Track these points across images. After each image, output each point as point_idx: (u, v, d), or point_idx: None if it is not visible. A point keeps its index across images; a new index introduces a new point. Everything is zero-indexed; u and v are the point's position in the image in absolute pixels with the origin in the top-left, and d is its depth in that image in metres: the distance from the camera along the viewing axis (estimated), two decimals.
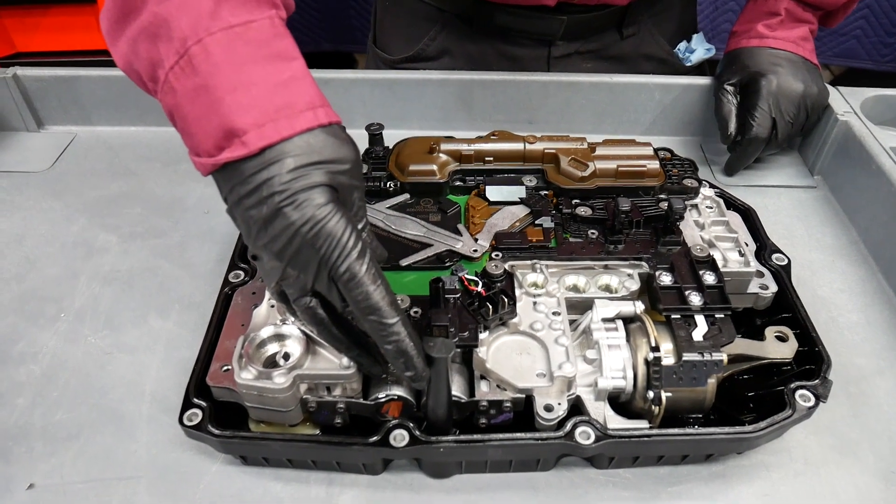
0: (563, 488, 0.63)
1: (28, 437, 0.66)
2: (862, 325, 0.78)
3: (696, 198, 0.77)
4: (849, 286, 0.83)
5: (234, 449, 0.61)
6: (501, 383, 0.60)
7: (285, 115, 0.50)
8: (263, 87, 0.50)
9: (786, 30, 0.97)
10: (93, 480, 0.63)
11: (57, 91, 1.05)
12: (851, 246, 0.89)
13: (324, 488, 0.62)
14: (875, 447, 0.66)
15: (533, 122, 1.05)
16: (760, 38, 0.97)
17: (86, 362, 0.73)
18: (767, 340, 0.66)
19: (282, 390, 0.57)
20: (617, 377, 0.60)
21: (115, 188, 0.97)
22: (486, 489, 0.62)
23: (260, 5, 0.52)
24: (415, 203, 0.75)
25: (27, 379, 0.71)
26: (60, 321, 0.77)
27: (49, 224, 0.91)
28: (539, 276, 0.67)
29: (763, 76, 0.92)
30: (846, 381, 0.72)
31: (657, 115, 1.05)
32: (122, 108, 1.06)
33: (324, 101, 0.53)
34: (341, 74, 1.03)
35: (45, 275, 0.83)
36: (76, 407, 0.69)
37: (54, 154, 1.03)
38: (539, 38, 1.03)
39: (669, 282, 0.65)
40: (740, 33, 1.00)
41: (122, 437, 0.66)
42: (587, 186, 0.75)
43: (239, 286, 0.70)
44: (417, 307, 0.62)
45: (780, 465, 0.65)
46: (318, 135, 0.51)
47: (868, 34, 1.98)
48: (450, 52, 1.08)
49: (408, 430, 0.58)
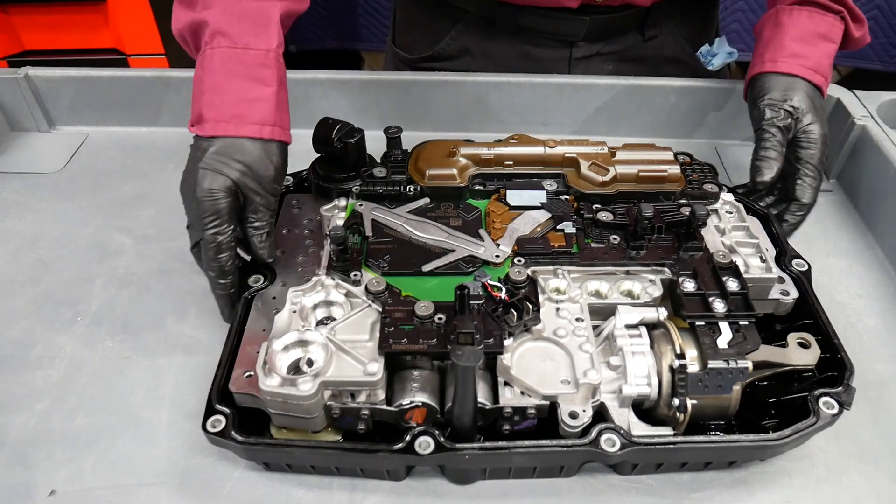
0: (587, 494, 0.63)
1: (48, 442, 0.66)
2: (881, 330, 0.78)
3: (715, 203, 0.76)
4: (867, 291, 0.83)
5: (258, 456, 0.61)
6: (526, 390, 0.59)
7: (235, 122, 0.69)
8: (233, 97, 0.69)
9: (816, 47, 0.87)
10: (114, 486, 0.63)
11: (69, 91, 1.05)
12: (868, 250, 0.89)
13: (346, 494, 0.62)
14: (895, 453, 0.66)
15: (548, 124, 1.05)
16: (793, 60, 0.85)
17: (104, 366, 0.73)
18: (790, 347, 0.66)
19: (307, 397, 0.57)
20: (642, 384, 0.60)
21: (128, 189, 0.97)
22: (509, 495, 0.62)
23: (264, 35, 0.71)
24: (435, 207, 0.75)
25: (45, 384, 0.71)
26: (77, 325, 0.77)
27: (63, 226, 0.90)
28: (562, 282, 0.67)
29: (816, 127, 0.81)
30: (866, 387, 0.71)
31: (672, 118, 1.05)
32: (134, 108, 1.06)
33: (276, 122, 0.70)
34: (356, 76, 1.03)
35: (60, 278, 0.83)
36: (95, 412, 0.69)
37: (66, 155, 1.03)
38: (561, 39, 1.03)
39: (693, 288, 0.65)
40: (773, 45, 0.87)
41: (143, 443, 0.66)
42: (608, 191, 0.74)
43: (259, 291, 0.70)
44: (441, 314, 0.62)
45: (802, 471, 0.65)
46: (252, 143, 0.69)
47: (877, 35, 1.98)
48: (470, 51, 1.07)
49: (433, 437, 0.58)
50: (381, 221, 0.72)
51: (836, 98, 1.00)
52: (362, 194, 0.75)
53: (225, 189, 0.67)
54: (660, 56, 1.08)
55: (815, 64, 0.84)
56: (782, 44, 0.85)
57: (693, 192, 0.76)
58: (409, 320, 0.62)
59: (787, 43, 0.85)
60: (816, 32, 0.85)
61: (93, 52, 1.95)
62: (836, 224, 0.93)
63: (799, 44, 0.85)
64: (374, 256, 0.68)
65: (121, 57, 1.95)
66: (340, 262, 0.67)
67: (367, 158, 0.79)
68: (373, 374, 0.58)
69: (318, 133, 0.76)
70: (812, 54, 0.84)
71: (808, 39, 0.85)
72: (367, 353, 0.60)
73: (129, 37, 1.92)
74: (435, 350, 0.60)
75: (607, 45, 1.04)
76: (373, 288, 0.64)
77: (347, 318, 0.64)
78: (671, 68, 1.08)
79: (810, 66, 0.84)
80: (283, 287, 0.70)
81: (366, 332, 0.62)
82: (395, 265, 0.68)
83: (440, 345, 0.60)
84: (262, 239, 0.70)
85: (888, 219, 0.88)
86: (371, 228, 0.71)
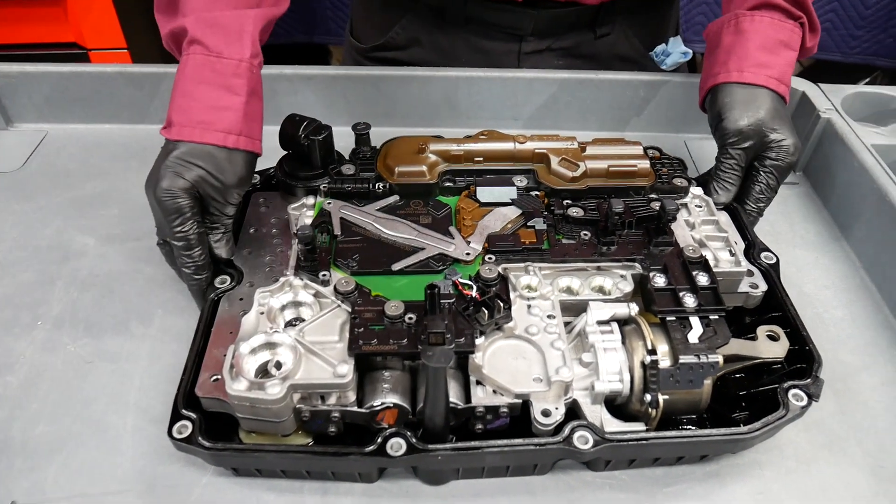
0: (560, 492, 0.62)
1: (7, 451, 0.64)
2: (847, 321, 0.80)
3: (685, 197, 0.77)
4: (833, 283, 0.84)
5: (226, 461, 0.60)
6: (498, 389, 0.59)
7: (201, 128, 0.69)
8: (202, 104, 0.70)
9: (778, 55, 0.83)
10: (77, 496, 0.61)
11: (27, 87, 1.02)
12: (834, 242, 0.90)
13: (318, 497, 0.61)
14: (863, 443, 0.67)
15: (518, 118, 1.05)
16: (758, 70, 0.81)
17: (66, 372, 0.71)
18: (759, 340, 0.66)
19: (275, 401, 0.56)
20: (614, 380, 0.60)
21: (89, 189, 0.94)
22: (483, 494, 0.62)
23: (237, 44, 0.71)
24: (405, 205, 0.74)
25: (4, 391, 0.69)
26: (37, 329, 0.75)
27: (21, 227, 0.88)
28: (533, 279, 0.67)
29: (790, 141, 0.78)
30: (833, 378, 0.72)
31: (642, 112, 1.05)
32: (94, 105, 1.03)
33: (243, 131, 0.71)
34: (325, 71, 1.02)
35: (19, 280, 0.80)
36: (57, 419, 0.67)
37: (25, 153, 1.00)
38: (510, 32, 1.03)
39: (663, 283, 0.65)
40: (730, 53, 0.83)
41: (107, 450, 0.64)
42: (578, 187, 0.74)
43: (226, 292, 0.69)
44: (412, 313, 0.61)
45: (772, 462, 0.66)
46: (216, 150, 0.69)
47: (837, 26, 2.00)
48: (420, 42, 1.07)
49: (404, 439, 0.57)
50: (349, 220, 0.71)
51: (802, 91, 1.01)
52: (331, 192, 0.74)
53: (183, 190, 0.67)
54: (611, 54, 1.07)
55: (779, 73, 0.81)
56: (746, 52, 0.81)
57: (663, 186, 0.76)
58: (379, 320, 0.61)
59: (751, 51, 0.81)
60: (779, 40, 0.82)
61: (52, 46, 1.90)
62: (803, 216, 0.94)
63: (763, 52, 0.81)
64: (343, 256, 0.67)
65: (81, 52, 1.90)
66: (308, 261, 0.65)
67: (335, 155, 0.78)
68: (343, 375, 0.57)
69: (285, 130, 0.75)
70: (776, 63, 0.81)
71: (772, 48, 0.81)
72: (337, 355, 0.59)
73: (90, 31, 1.87)
74: (405, 350, 0.59)
75: (557, 41, 1.04)
76: (342, 288, 0.63)
77: (316, 318, 0.63)
78: (623, 66, 1.08)
79: (775, 75, 0.80)
80: (250, 287, 0.68)
81: (335, 333, 0.61)
82: (365, 264, 0.67)
83: (411, 345, 0.59)
84: (218, 238, 0.72)
85: (853, 211, 0.89)
86: (340, 227, 0.70)
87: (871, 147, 0.89)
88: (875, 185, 0.84)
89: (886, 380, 0.73)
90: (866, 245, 0.86)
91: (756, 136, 0.78)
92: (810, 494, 0.64)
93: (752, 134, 0.78)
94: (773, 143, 0.78)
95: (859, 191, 0.87)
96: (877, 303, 0.81)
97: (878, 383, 0.73)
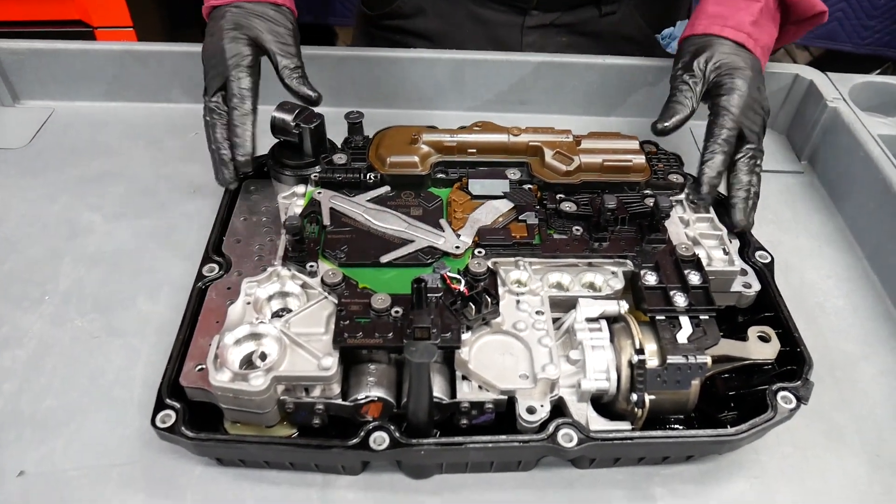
0: (543, 487, 0.62)
1: (17, 423, 0.64)
2: (848, 310, 0.79)
3: (680, 194, 0.75)
4: (835, 272, 0.84)
5: (209, 451, 0.60)
6: (484, 384, 0.59)
7: None
8: None
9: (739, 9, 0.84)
10: (86, 467, 0.61)
11: (33, 64, 1.01)
12: (838, 232, 0.89)
13: (302, 490, 0.61)
14: (861, 431, 0.67)
15: (525, 102, 1.04)
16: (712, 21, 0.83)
17: (74, 347, 0.71)
18: (750, 341, 0.65)
19: (258, 392, 0.55)
20: (600, 379, 0.60)
21: (96, 166, 0.94)
22: (467, 489, 0.62)
23: None
24: (395, 196, 0.73)
25: (13, 364, 0.69)
26: (45, 304, 0.75)
27: (28, 203, 0.88)
28: (523, 274, 0.66)
29: (735, 81, 0.77)
30: (833, 367, 0.72)
31: (649, 98, 1.03)
32: (102, 82, 1.03)
33: None
34: (331, 52, 1.01)
35: (27, 256, 0.80)
36: (65, 392, 0.67)
37: (32, 130, 0.99)
38: (513, 4, 1.01)
39: (654, 282, 0.64)
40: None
41: (115, 423, 0.65)
42: (572, 181, 0.73)
43: (213, 280, 0.68)
44: (399, 307, 0.60)
45: (768, 448, 0.65)
46: (268, 8, 0.77)
47: (849, 16, 1.97)
48: (424, 11, 1.06)
49: (388, 433, 0.57)
50: (339, 210, 0.70)
51: (809, 80, 1.00)
52: (321, 181, 0.73)
53: (249, 43, 0.74)
54: (616, 34, 1.06)
55: (735, 23, 0.81)
56: (703, 9, 0.83)
57: (658, 182, 0.75)
58: (365, 313, 0.60)
59: (706, 7, 0.83)
60: None
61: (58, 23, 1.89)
62: (806, 205, 0.93)
63: (716, 6, 0.82)
64: (332, 247, 0.67)
65: (87, 29, 1.90)
66: (296, 252, 0.65)
67: (327, 144, 0.77)
68: (327, 368, 0.57)
69: (276, 118, 0.74)
70: (731, 14, 0.81)
71: (728, 1, 0.82)
72: (323, 347, 0.59)
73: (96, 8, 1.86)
74: (391, 344, 0.58)
75: (562, 17, 1.03)
76: (329, 280, 0.63)
77: (302, 310, 0.62)
78: (627, 47, 1.06)
79: (730, 24, 0.81)
80: (238, 277, 0.68)
81: (321, 325, 0.61)
82: (353, 256, 0.66)
83: (396, 339, 0.58)
84: (299, 76, 0.76)
85: (857, 200, 0.88)
86: (329, 217, 0.70)
87: (877, 137, 0.88)
88: (880, 176, 0.83)
89: (886, 369, 0.73)
90: (869, 236, 0.85)
91: (701, 74, 0.78)
92: (806, 480, 0.64)
93: (699, 73, 0.78)
94: (715, 83, 0.77)
95: (864, 181, 0.86)
96: (878, 293, 0.81)
97: (878, 372, 0.73)
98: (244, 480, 0.61)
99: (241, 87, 0.73)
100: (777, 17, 0.87)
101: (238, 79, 0.73)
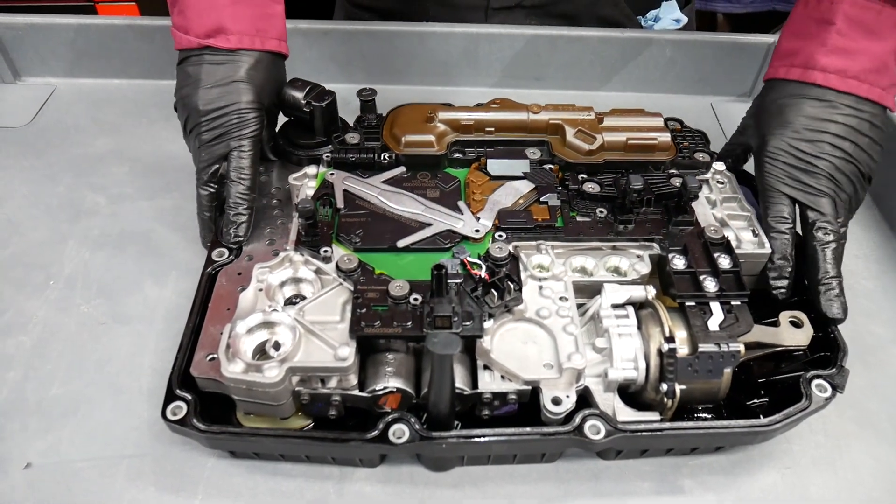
0: (567, 480, 0.60)
1: (22, 412, 0.63)
2: (878, 292, 0.77)
3: (706, 173, 0.72)
4: (864, 252, 0.82)
5: (222, 444, 0.58)
6: (507, 374, 0.56)
7: (260, 36, 0.70)
8: (253, 11, 0.70)
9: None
10: (94, 458, 0.60)
11: (34, 40, 0.98)
12: (866, 211, 0.87)
13: (318, 483, 0.59)
14: (894, 418, 0.65)
15: (540, 78, 1.01)
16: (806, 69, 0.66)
17: (79, 333, 0.69)
18: (782, 326, 0.63)
19: (273, 384, 0.53)
20: (628, 368, 0.57)
21: (100, 145, 0.91)
22: (488, 481, 0.60)
23: None
24: (411, 177, 0.70)
25: (17, 351, 0.67)
26: (50, 289, 0.73)
27: (31, 184, 0.85)
28: (545, 258, 0.63)
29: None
30: (864, 351, 0.70)
31: (667, 73, 1.00)
32: (104, 59, 1.00)
33: (283, 36, 0.73)
34: (342, 26, 0.98)
35: (30, 239, 0.78)
36: (72, 381, 0.65)
37: (34, 108, 0.97)
38: None
39: (683, 266, 0.62)
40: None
41: (123, 413, 0.63)
42: (595, 160, 0.70)
43: (223, 266, 0.66)
44: (417, 294, 0.58)
45: (800, 436, 0.64)
46: (272, 58, 0.71)
47: None
48: None
49: (408, 425, 0.55)
50: (353, 192, 0.68)
51: None
52: (334, 162, 0.70)
53: (259, 99, 0.69)
54: (592, 15, 1.01)
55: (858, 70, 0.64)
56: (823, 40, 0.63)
57: (683, 160, 0.72)
58: (382, 301, 0.58)
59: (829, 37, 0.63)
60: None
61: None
62: None
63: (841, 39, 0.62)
64: (346, 231, 0.64)
65: (88, 3, 1.86)
66: (309, 236, 0.62)
67: (339, 123, 0.74)
68: (344, 358, 0.55)
69: (287, 95, 0.71)
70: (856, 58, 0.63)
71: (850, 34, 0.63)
72: (338, 336, 0.56)
73: None
74: (410, 333, 0.56)
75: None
76: (344, 265, 0.60)
77: (317, 297, 0.60)
78: None
79: (853, 74, 0.63)
80: (248, 262, 0.65)
81: (337, 313, 0.59)
82: (368, 240, 0.63)
83: (416, 328, 0.56)
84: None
85: (886, 179, 0.85)
86: (343, 200, 0.67)
87: None
88: None
89: None
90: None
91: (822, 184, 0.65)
92: (838, 469, 0.62)
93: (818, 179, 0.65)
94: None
95: (893, 159, 0.83)
96: None
97: None
98: (258, 473, 0.59)
99: (252, 148, 0.68)
100: None
101: (252, 138, 0.68)
